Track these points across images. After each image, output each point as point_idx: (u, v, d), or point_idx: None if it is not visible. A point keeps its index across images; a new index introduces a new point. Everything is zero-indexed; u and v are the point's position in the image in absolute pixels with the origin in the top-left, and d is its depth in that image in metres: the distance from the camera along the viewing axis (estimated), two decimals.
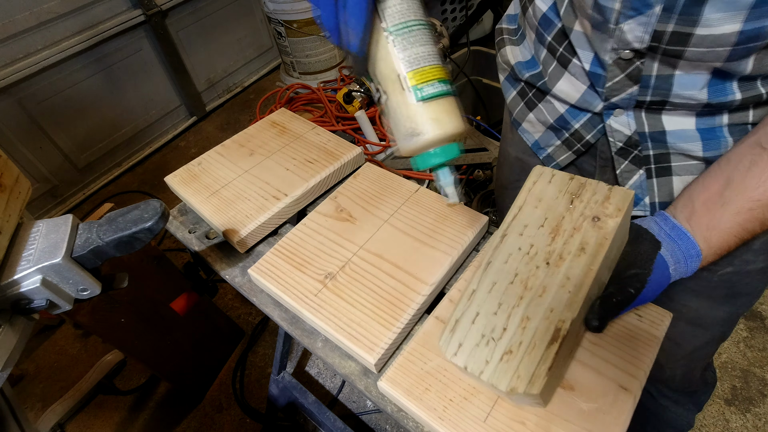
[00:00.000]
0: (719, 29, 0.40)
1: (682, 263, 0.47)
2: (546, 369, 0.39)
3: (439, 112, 0.42)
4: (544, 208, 0.48)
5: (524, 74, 0.64)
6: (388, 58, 0.41)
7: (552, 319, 0.41)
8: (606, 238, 0.44)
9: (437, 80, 0.42)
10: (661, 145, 0.54)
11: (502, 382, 0.40)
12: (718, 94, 0.47)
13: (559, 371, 0.44)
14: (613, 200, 0.46)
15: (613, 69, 0.51)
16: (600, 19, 0.48)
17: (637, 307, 0.51)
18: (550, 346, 0.40)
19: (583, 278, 0.42)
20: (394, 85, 0.42)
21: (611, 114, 0.56)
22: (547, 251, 0.45)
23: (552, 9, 0.56)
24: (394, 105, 0.43)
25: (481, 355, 0.42)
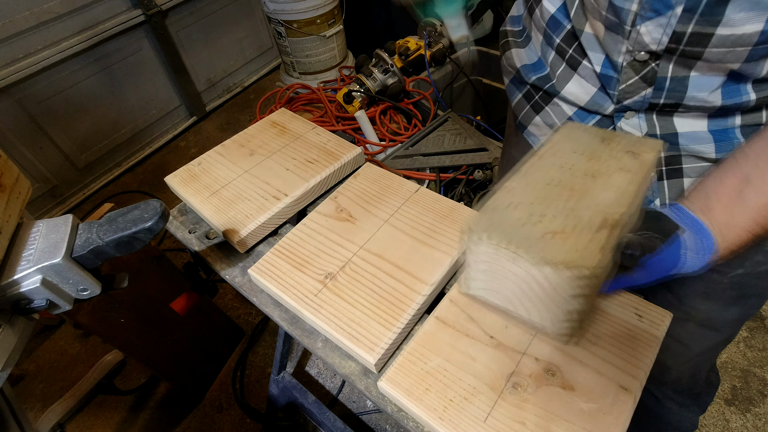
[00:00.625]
0: (741, 29, 0.40)
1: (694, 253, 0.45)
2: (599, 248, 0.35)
3: None
4: (578, 145, 0.47)
5: (530, 77, 0.64)
6: None
7: (599, 211, 0.39)
8: (644, 164, 0.43)
9: None
10: (673, 147, 0.54)
11: (557, 254, 0.35)
12: (733, 96, 0.47)
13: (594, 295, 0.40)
14: (647, 143, 0.46)
15: (627, 71, 0.50)
16: (615, 21, 0.47)
17: (637, 308, 0.51)
18: (600, 230, 0.37)
19: (627, 186, 0.41)
20: None
21: (622, 116, 0.55)
22: (585, 167, 0.44)
23: (561, 10, 0.56)
24: None
25: (521, 233, 0.37)
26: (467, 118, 1.64)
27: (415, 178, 1.46)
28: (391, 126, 1.67)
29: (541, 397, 0.45)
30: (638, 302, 0.52)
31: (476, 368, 0.48)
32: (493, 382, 0.47)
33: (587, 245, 0.36)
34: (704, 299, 0.64)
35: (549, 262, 0.35)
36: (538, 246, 0.36)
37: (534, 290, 0.39)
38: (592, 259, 0.35)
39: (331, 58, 2.14)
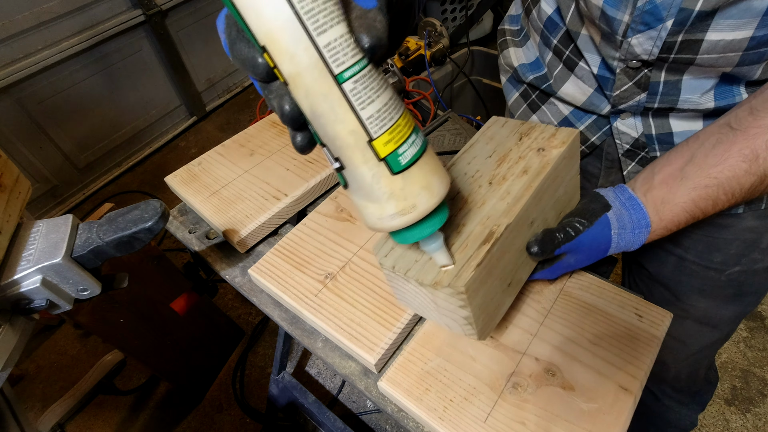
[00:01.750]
0: (731, 35, 0.40)
1: (629, 230, 0.47)
2: (474, 265, 0.38)
3: (428, 176, 0.33)
4: (495, 144, 0.51)
5: (528, 76, 0.64)
6: (347, 117, 0.29)
7: (487, 224, 0.42)
8: (548, 163, 0.46)
9: (412, 133, 0.32)
10: (669, 146, 0.54)
11: (428, 276, 0.39)
12: (726, 98, 0.47)
13: (493, 293, 0.43)
14: (558, 135, 0.48)
15: (621, 77, 0.50)
16: (607, 31, 0.47)
17: (637, 308, 0.51)
18: (481, 246, 0.40)
19: (523, 192, 0.44)
20: (359, 154, 0.31)
21: (618, 117, 0.56)
22: (491, 174, 0.47)
23: (557, 12, 0.56)
24: (362, 181, 0.32)
25: (411, 256, 0.42)
26: (467, 118, 1.64)
27: None
28: None
29: (541, 397, 0.45)
30: (638, 302, 0.52)
31: (476, 368, 0.48)
32: (493, 382, 0.47)
33: (465, 263, 0.39)
34: (701, 296, 0.64)
35: (426, 284, 0.39)
36: (422, 269, 0.40)
37: (430, 303, 0.43)
38: (465, 277, 0.38)
39: None
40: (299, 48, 0.26)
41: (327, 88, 0.28)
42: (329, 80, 0.28)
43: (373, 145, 0.30)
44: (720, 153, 0.42)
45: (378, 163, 0.31)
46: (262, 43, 0.26)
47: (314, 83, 0.28)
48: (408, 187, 0.32)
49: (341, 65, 0.27)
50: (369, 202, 0.34)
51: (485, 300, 0.42)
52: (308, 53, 0.26)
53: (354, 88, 0.28)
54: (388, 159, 0.31)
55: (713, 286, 0.63)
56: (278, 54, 0.27)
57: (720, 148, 0.42)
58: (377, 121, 0.30)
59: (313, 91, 0.28)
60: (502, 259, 0.43)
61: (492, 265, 0.41)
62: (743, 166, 0.41)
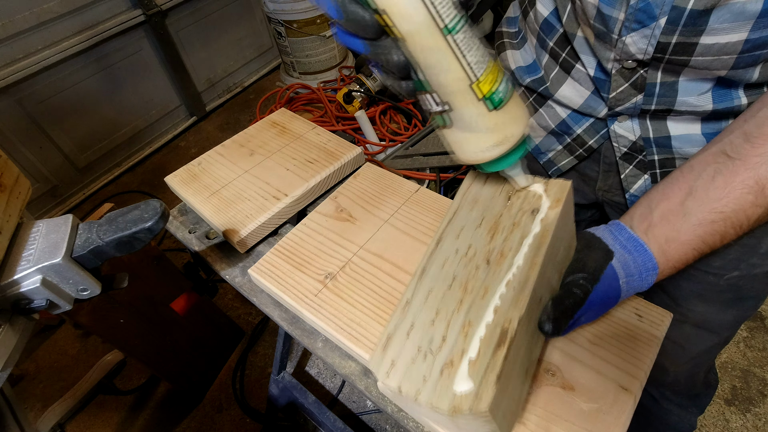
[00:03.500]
0: (725, 38, 0.40)
1: (636, 277, 0.44)
2: (495, 378, 0.34)
3: (516, 110, 0.38)
4: (481, 209, 0.46)
5: (525, 79, 0.64)
6: (452, 65, 0.34)
7: (497, 321, 0.37)
8: (547, 229, 0.41)
9: (502, 75, 0.37)
10: (667, 150, 0.54)
11: (444, 401, 0.34)
12: (724, 100, 0.46)
13: (514, 391, 0.40)
14: (550, 192, 0.44)
15: (617, 78, 0.50)
16: (603, 30, 0.47)
17: (637, 308, 0.51)
18: (497, 350, 0.35)
19: (528, 272, 0.39)
20: (463, 96, 0.36)
21: (615, 120, 0.55)
22: (486, 250, 0.42)
23: (554, 14, 0.56)
24: (466, 118, 0.37)
25: (418, 371, 0.36)
26: None
27: (415, 178, 1.45)
28: (391, 126, 1.68)
29: (541, 397, 0.45)
30: (638, 302, 0.52)
31: None
32: None
33: (483, 377, 0.34)
34: (700, 301, 0.64)
35: (443, 410, 0.34)
36: (434, 391, 0.35)
37: (448, 421, 0.39)
38: (488, 396, 0.33)
39: (331, 58, 2.14)
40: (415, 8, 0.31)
41: (438, 42, 0.33)
42: (439, 34, 0.32)
43: (476, 87, 0.35)
44: (722, 185, 0.41)
45: (479, 103, 0.36)
46: (382, 7, 0.31)
47: (428, 38, 0.32)
48: (503, 121, 0.37)
49: (448, 19, 0.32)
50: (470, 137, 0.39)
51: (508, 403, 0.38)
52: (422, 12, 0.31)
53: (459, 38, 0.33)
54: (489, 98, 0.36)
55: (712, 291, 0.62)
56: (397, 16, 0.31)
57: (720, 179, 0.41)
58: (477, 65, 0.35)
59: (427, 45, 0.33)
60: (518, 354, 0.38)
61: (510, 368, 0.36)
62: (749, 198, 0.40)
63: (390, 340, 0.39)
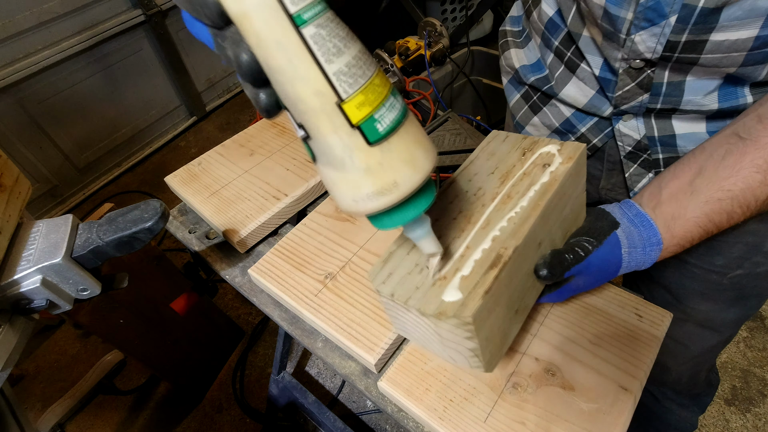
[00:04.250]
0: (735, 34, 0.40)
1: (639, 249, 0.45)
2: (482, 292, 0.35)
3: (411, 147, 0.28)
4: (497, 159, 0.48)
5: (529, 78, 0.64)
6: (308, 72, 0.24)
7: (493, 247, 0.39)
8: (555, 180, 0.43)
9: (390, 94, 0.27)
10: (671, 148, 0.54)
11: (431, 306, 0.36)
12: (729, 99, 0.46)
13: (501, 322, 0.41)
14: (564, 151, 0.45)
15: (624, 78, 0.50)
16: (610, 30, 0.47)
17: (637, 308, 0.51)
18: (489, 271, 0.37)
19: (530, 211, 0.41)
20: (326, 119, 0.26)
21: (620, 119, 0.55)
22: (494, 192, 0.44)
23: (558, 14, 0.56)
24: (334, 151, 0.27)
25: (412, 282, 0.38)
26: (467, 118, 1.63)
27: None
28: None
29: (541, 397, 0.45)
30: (638, 302, 0.52)
31: None
32: (493, 382, 0.47)
33: (471, 291, 0.36)
34: (703, 300, 0.64)
35: (429, 314, 0.36)
36: (424, 297, 0.37)
37: (432, 334, 0.40)
38: (472, 305, 0.35)
39: None
40: None
41: (282, 33, 0.23)
42: (285, 22, 0.23)
43: (343, 109, 0.25)
44: (731, 164, 0.41)
45: (351, 131, 0.26)
46: None
47: (266, 26, 0.23)
48: (388, 160, 0.27)
49: (298, 3, 0.23)
50: (341, 180, 0.28)
51: (492, 330, 0.39)
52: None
53: (317, 34, 0.24)
54: (363, 126, 0.26)
55: (715, 290, 0.62)
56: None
57: (730, 159, 0.41)
58: (347, 77, 0.25)
59: (265, 36, 0.23)
60: (509, 284, 0.40)
61: (500, 292, 0.38)
62: (757, 177, 0.40)
63: (391, 255, 0.42)
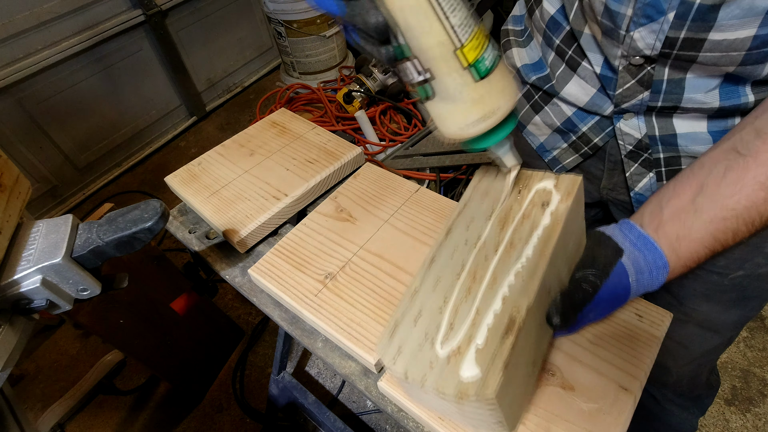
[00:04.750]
0: (734, 34, 0.40)
1: (646, 274, 0.44)
2: (502, 365, 0.34)
3: (503, 81, 0.35)
4: (491, 201, 0.46)
5: (531, 77, 0.64)
6: (434, 27, 0.31)
7: (505, 309, 0.37)
8: (558, 222, 0.41)
9: (488, 42, 0.34)
10: (672, 148, 0.54)
11: (449, 386, 0.34)
12: (731, 97, 0.46)
13: (521, 382, 0.40)
14: (561, 186, 0.44)
15: (624, 75, 0.50)
16: (610, 26, 0.47)
17: (637, 308, 0.51)
18: (505, 338, 0.35)
19: (537, 262, 0.39)
20: (446, 63, 0.33)
21: (621, 117, 0.55)
22: (496, 241, 0.42)
23: (560, 12, 0.56)
24: (450, 88, 0.34)
25: (425, 358, 0.36)
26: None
27: (415, 178, 1.45)
28: (391, 126, 1.68)
29: (541, 397, 0.45)
30: (638, 302, 0.52)
31: None
32: None
33: (490, 363, 0.34)
34: (704, 301, 0.64)
35: (449, 395, 0.34)
36: (440, 376, 0.35)
37: (453, 409, 0.39)
38: (494, 383, 0.33)
39: (331, 58, 2.14)
40: None
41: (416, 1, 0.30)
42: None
43: (461, 53, 0.32)
44: (733, 182, 0.41)
45: (464, 71, 0.33)
46: None
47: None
48: (490, 92, 0.35)
49: None
50: (453, 111, 0.36)
51: (515, 394, 0.38)
52: None
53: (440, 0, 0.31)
54: (474, 65, 0.33)
55: (716, 291, 0.62)
56: None
57: (731, 175, 0.41)
58: (461, 29, 0.32)
59: (406, 3, 0.30)
60: (526, 344, 0.38)
61: (518, 357, 0.36)
62: (761, 194, 0.40)
63: (397, 326, 0.40)
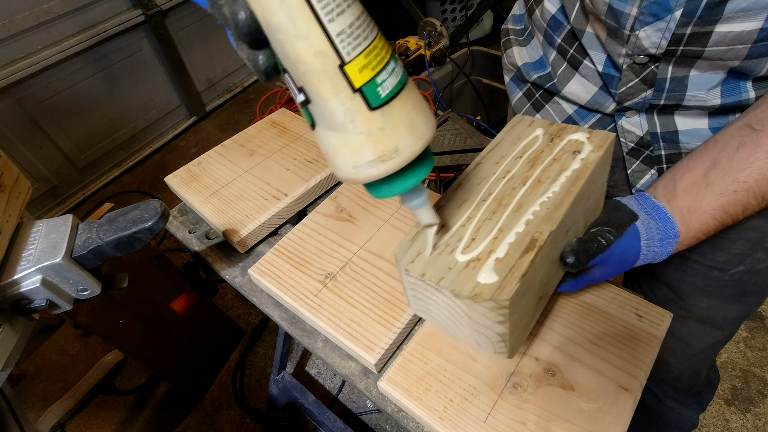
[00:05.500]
0: (740, 26, 0.40)
1: (657, 242, 0.45)
2: (520, 275, 0.35)
3: (412, 113, 0.28)
4: (524, 144, 0.47)
5: (531, 75, 0.64)
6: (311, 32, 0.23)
7: (527, 230, 0.38)
8: (587, 168, 0.42)
9: (391, 58, 0.26)
10: (674, 145, 0.54)
11: (466, 287, 0.35)
12: (732, 94, 0.47)
13: (527, 308, 0.40)
14: (593, 139, 0.45)
15: (628, 74, 0.50)
16: (614, 26, 0.47)
17: (637, 308, 0.51)
18: (525, 254, 0.36)
19: (563, 197, 0.40)
20: (329, 82, 0.25)
21: (623, 115, 0.55)
22: (524, 176, 0.43)
23: (561, 11, 0.56)
24: (334, 116, 0.26)
25: (443, 262, 0.37)
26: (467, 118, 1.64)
27: None
28: None
29: (541, 397, 0.45)
30: (638, 302, 0.52)
31: (476, 368, 0.48)
32: (493, 382, 0.47)
33: (508, 274, 0.36)
34: (705, 296, 0.64)
35: (465, 296, 0.35)
36: (458, 278, 0.36)
37: (461, 317, 0.40)
38: (510, 289, 0.34)
39: None
40: None
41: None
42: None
43: (345, 71, 0.24)
44: (745, 156, 0.41)
45: (352, 96, 0.25)
46: None
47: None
48: (389, 125, 0.27)
49: None
50: (341, 146, 0.28)
51: (521, 316, 0.39)
52: None
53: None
54: (365, 89, 0.25)
55: (717, 286, 0.62)
56: None
57: (744, 150, 0.41)
58: (350, 39, 0.24)
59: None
60: (540, 270, 0.39)
61: (532, 277, 0.37)
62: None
63: (419, 234, 0.40)
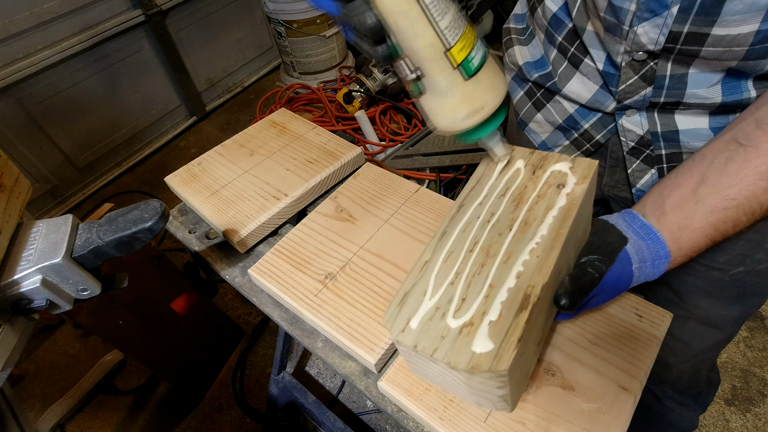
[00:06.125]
0: (737, 29, 0.40)
1: (649, 263, 0.45)
2: (516, 340, 0.34)
3: (492, 77, 0.38)
4: (505, 179, 0.45)
5: (532, 75, 0.64)
6: (424, 30, 0.34)
7: (519, 285, 0.37)
8: (574, 203, 0.41)
9: (476, 41, 0.36)
10: (674, 144, 0.54)
11: (462, 359, 0.34)
12: (733, 92, 0.46)
13: (527, 360, 0.40)
14: (577, 169, 0.44)
15: (627, 71, 0.50)
16: (613, 22, 0.47)
17: (637, 308, 0.51)
18: (519, 314, 0.35)
19: (553, 242, 0.39)
20: (436, 63, 0.35)
21: (623, 114, 0.55)
22: (510, 218, 0.42)
23: (563, 9, 0.56)
24: (440, 86, 0.37)
25: (436, 329, 0.36)
26: None
27: (415, 178, 1.46)
28: (391, 126, 1.68)
29: (541, 397, 0.45)
30: (638, 302, 0.52)
31: None
32: None
33: (504, 339, 0.34)
34: (705, 297, 0.64)
35: (462, 369, 0.34)
36: (452, 348, 0.35)
37: (460, 383, 0.39)
38: (507, 357, 0.33)
39: (331, 58, 2.14)
40: None
41: (409, 5, 0.32)
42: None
43: (450, 54, 0.35)
44: (734, 172, 0.41)
45: (453, 71, 0.36)
46: None
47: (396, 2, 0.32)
48: (478, 89, 0.37)
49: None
50: (443, 107, 0.38)
51: (520, 372, 0.38)
52: None
53: (433, 2, 0.33)
54: (462, 65, 0.35)
55: (717, 287, 0.62)
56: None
57: (732, 166, 0.41)
58: (451, 30, 0.34)
59: (397, 8, 0.33)
60: (536, 324, 0.38)
61: (528, 336, 0.36)
62: (761, 184, 0.40)
63: (406, 297, 0.39)
